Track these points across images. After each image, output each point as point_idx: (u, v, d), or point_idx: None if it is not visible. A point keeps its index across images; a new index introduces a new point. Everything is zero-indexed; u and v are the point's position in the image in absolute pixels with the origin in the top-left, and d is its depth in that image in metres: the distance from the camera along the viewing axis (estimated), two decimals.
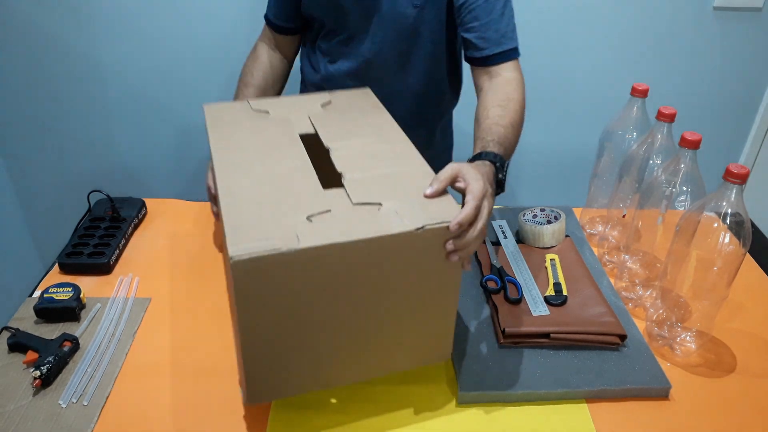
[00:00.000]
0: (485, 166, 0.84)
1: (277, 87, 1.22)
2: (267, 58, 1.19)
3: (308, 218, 0.69)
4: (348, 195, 0.74)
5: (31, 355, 0.83)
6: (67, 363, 0.84)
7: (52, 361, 0.81)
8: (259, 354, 0.71)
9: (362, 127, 0.90)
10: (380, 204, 0.72)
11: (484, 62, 1.04)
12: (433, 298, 0.76)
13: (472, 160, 0.87)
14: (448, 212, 0.72)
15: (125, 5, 1.58)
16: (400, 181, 0.77)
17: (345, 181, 0.76)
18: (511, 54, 1.05)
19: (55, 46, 1.64)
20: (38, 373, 0.79)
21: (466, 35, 1.05)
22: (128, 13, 1.59)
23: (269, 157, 0.82)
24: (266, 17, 1.19)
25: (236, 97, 1.17)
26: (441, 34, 1.12)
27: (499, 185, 0.86)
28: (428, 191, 0.74)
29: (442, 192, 0.75)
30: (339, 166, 0.80)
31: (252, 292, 0.66)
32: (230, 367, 0.85)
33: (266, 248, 0.64)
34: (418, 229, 0.68)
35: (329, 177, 0.79)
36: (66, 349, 0.84)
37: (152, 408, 0.79)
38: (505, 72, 1.04)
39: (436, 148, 1.35)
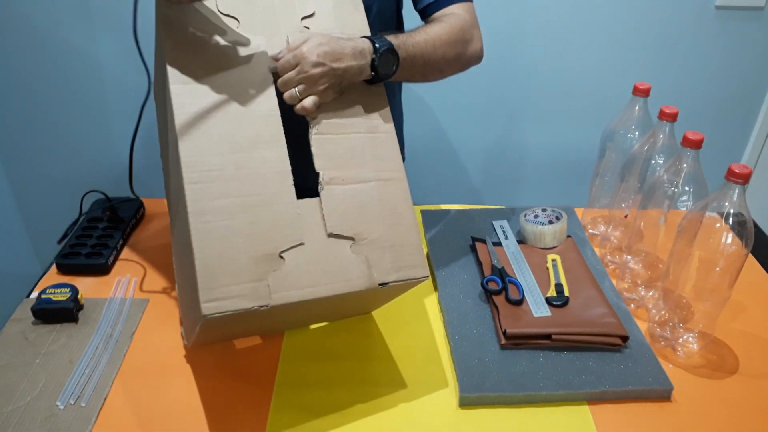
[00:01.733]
0: (356, 39, 0.81)
1: None
2: None
3: (281, 255, 0.71)
4: (323, 218, 0.74)
5: None
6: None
7: None
8: (212, 331, 0.76)
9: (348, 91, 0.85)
10: (353, 239, 0.74)
11: (426, 12, 1.01)
12: (383, 299, 0.87)
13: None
14: (417, 261, 0.77)
15: (124, 3, 1.58)
16: (377, 202, 0.78)
17: (322, 193, 0.75)
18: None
19: (52, 46, 1.63)
20: None
21: None
22: (127, 11, 1.59)
23: (238, 125, 0.76)
24: None
25: None
26: (392, 10, 1.09)
27: (374, 69, 0.82)
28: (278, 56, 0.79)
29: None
30: (317, 160, 0.77)
31: (215, 324, 0.70)
32: (230, 368, 0.85)
33: (237, 306, 0.67)
34: (382, 284, 0.74)
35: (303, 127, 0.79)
36: None
37: (150, 409, 0.79)
38: (446, 16, 0.99)
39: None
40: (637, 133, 1.02)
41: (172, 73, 0.75)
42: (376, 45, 0.82)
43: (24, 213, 1.89)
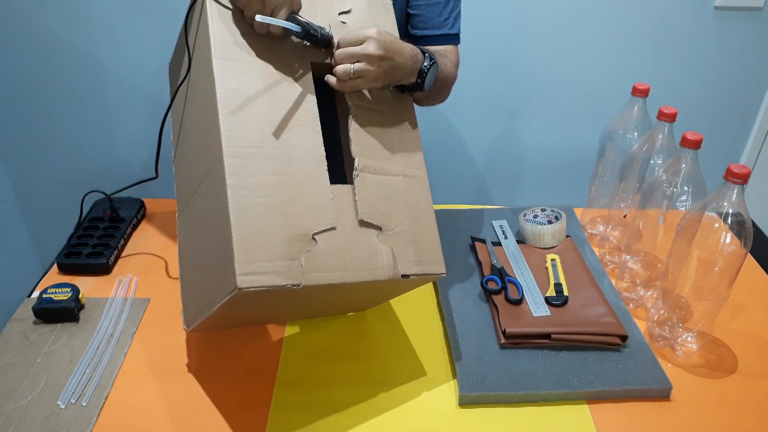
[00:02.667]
0: (412, 45, 0.84)
1: None
2: None
3: (313, 237, 0.71)
4: (355, 204, 0.75)
5: None
6: None
7: None
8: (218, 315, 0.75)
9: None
10: (380, 229, 0.76)
11: (420, 41, 1.04)
12: (395, 292, 0.89)
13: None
14: (436, 258, 0.79)
15: (123, 3, 1.58)
16: (403, 197, 0.80)
17: (356, 180, 0.77)
18: (449, 39, 1.05)
19: (53, 45, 1.63)
20: None
21: (411, 11, 1.06)
22: (127, 11, 1.59)
23: (277, 107, 0.77)
24: None
25: None
26: (403, 24, 1.11)
27: (420, 75, 0.84)
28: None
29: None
30: (354, 146, 0.79)
31: (242, 301, 0.69)
32: (230, 368, 0.85)
33: (272, 282, 0.67)
34: (404, 276, 0.76)
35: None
36: None
37: (151, 408, 0.79)
38: (447, 52, 1.04)
39: None
40: (636, 133, 1.02)
41: (217, 49, 0.75)
42: (427, 55, 0.85)
43: (25, 213, 1.90)
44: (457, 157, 1.90)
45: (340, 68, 0.78)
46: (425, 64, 0.84)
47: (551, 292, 0.95)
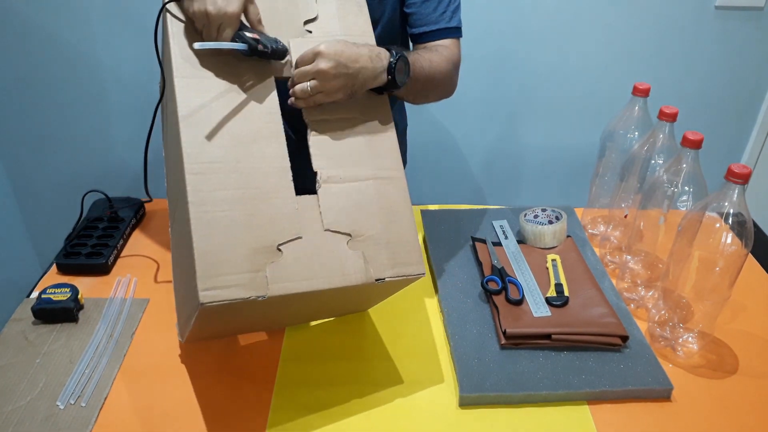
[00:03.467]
0: (373, 46, 0.83)
1: None
2: None
3: (279, 247, 0.71)
4: (320, 214, 0.75)
5: None
6: None
7: None
8: (207, 325, 0.76)
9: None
10: (349, 236, 0.75)
11: (419, 39, 1.04)
12: (380, 295, 0.88)
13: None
14: (413, 259, 0.78)
15: (123, 3, 1.58)
16: (375, 200, 0.79)
17: (319, 191, 0.77)
18: (447, 33, 1.04)
19: (52, 45, 1.63)
20: None
21: (407, 10, 1.05)
22: (126, 11, 1.59)
23: (240, 120, 0.77)
24: None
25: None
26: (396, 22, 1.10)
27: (389, 73, 0.83)
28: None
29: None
30: (315, 161, 0.78)
31: (212, 315, 0.70)
32: (230, 367, 0.85)
33: (235, 296, 0.67)
34: (378, 280, 0.75)
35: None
36: None
37: (150, 409, 0.79)
38: (440, 47, 1.02)
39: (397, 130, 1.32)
40: (636, 133, 1.02)
41: (178, 67, 0.76)
42: (393, 51, 0.83)
43: (24, 213, 1.90)
44: (457, 157, 1.90)
45: (297, 88, 0.79)
46: (391, 60, 0.82)
47: (552, 292, 0.95)
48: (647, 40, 1.70)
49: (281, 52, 0.80)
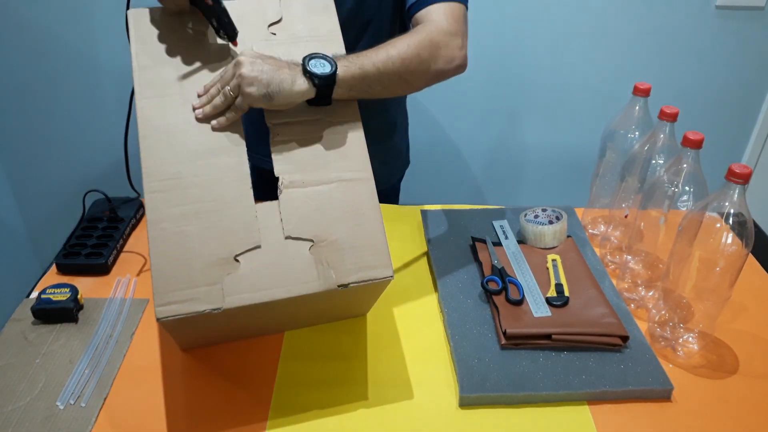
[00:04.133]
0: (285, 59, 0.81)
1: None
2: None
3: (236, 258, 0.71)
4: (281, 221, 0.75)
5: None
6: None
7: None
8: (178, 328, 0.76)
9: None
10: (312, 242, 0.74)
11: (409, 13, 0.99)
12: (360, 299, 0.85)
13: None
14: (380, 262, 0.75)
15: (123, 3, 1.58)
16: (340, 203, 0.77)
17: (280, 197, 0.76)
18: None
19: (52, 45, 1.63)
20: None
21: None
22: (126, 10, 1.59)
23: (200, 134, 0.77)
24: None
25: None
26: (387, 21, 1.08)
27: (305, 72, 0.79)
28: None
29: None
30: (277, 165, 0.78)
31: (175, 328, 0.72)
32: (230, 368, 0.85)
33: (190, 310, 0.68)
34: (341, 285, 0.73)
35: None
36: None
37: (150, 409, 0.79)
38: (420, 27, 0.93)
39: (398, 128, 1.30)
40: (637, 133, 1.02)
41: (139, 88, 0.79)
42: (305, 55, 0.80)
43: (24, 213, 1.90)
44: (457, 157, 1.90)
45: (208, 108, 0.79)
46: (303, 61, 0.79)
47: (552, 292, 0.95)
48: (648, 39, 1.70)
49: (234, 32, 0.80)
